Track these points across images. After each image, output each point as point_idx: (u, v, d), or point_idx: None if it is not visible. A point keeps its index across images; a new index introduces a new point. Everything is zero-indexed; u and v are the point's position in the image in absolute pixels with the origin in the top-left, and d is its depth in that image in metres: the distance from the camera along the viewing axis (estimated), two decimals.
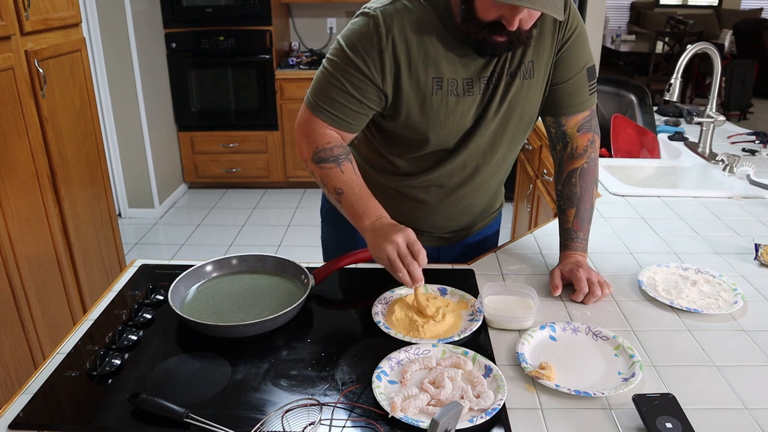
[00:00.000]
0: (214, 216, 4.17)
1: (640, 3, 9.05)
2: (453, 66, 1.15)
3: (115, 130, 3.91)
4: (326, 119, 1.17)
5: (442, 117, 1.18)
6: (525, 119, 1.24)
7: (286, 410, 0.88)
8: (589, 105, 1.27)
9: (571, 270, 1.21)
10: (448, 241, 1.44)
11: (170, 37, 4.16)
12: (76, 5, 2.32)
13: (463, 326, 1.09)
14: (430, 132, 1.20)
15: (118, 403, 0.91)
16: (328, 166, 1.16)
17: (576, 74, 1.22)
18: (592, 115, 1.28)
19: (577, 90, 1.24)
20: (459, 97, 1.17)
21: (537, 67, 1.19)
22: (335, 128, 1.18)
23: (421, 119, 1.18)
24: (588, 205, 1.28)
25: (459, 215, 1.38)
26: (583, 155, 1.28)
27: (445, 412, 0.78)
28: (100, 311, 1.15)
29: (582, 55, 1.22)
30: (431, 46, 1.13)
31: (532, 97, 1.22)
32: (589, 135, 1.28)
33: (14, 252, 1.94)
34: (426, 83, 1.15)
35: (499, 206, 1.51)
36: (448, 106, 1.17)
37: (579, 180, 1.27)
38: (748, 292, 1.22)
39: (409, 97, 1.16)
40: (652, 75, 6.36)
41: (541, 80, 1.21)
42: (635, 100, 2.40)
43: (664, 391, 0.91)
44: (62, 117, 2.24)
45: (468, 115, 1.20)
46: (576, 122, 1.27)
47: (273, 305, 1.14)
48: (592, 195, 1.29)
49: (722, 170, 1.93)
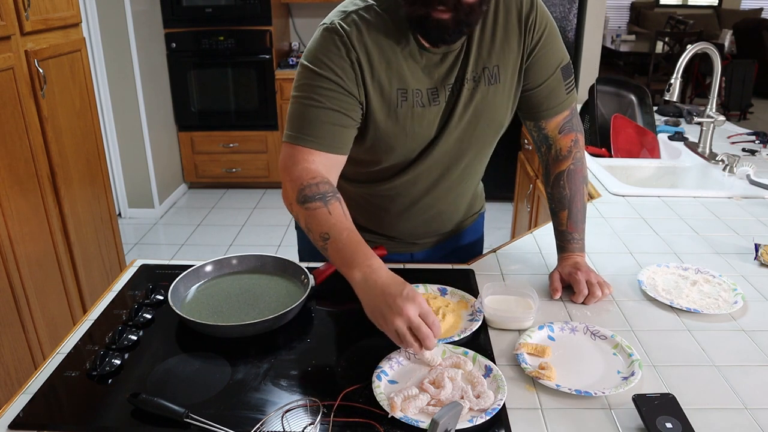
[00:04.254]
0: (214, 216, 4.17)
1: (640, 3, 9.06)
2: (416, 76, 1.11)
3: (115, 130, 3.91)
4: (310, 144, 1.07)
5: (408, 129, 1.14)
6: (493, 125, 1.20)
7: (286, 410, 0.88)
8: (568, 105, 1.23)
9: (570, 273, 1.20)
10: (420, 246, 1.41)
11: (170, 37, 4.17)
12: (76, 5, 2.32)
13: (463, 326, 1.09)
14: (397, 144, 1.15)
15: (118, 403, 0.91)
16: (313, 206, 1.03)
17: (550, 76, 1.18)
18: (572, 114, 1.24)
19: (553, 92, 1.20)
20: (425, 108, 1.13)
21: (503, 71, 1.15)
22: (322, 151, 1.08)
23: (388, 132, 1.14)
24: (579, 205, 1.26)
25: (429, 222, 1.34)
26: (568, 157, 1.25)
27: (445, 412, 0.78)
28: (100, 311, 1.15)
29: (554, 55, 1.18)
30: (393, 56, 1.09)
31: (500, 102, 1.18)
32: (571, 135, 1.25)
33: (14, 252, 1.94)
34: (390, 95, 1.10)
35: (477, 210, 1.47)
36: (414, 117, 1.13)
37: (567, 182, 1.25)
38: (748, 292, 1.22)
39: (377, 109, 1.11)
40: (652, 75, 6.36)
41: (508, 85, 1.17)
42: (635, 100, 2.40)
43: (664, 391, 0.91)
44: (62, 117, 2.24)
45: (433, 125, 1.16)
46: (556, 124, 1.24)
47: (273, 305, 1.14)
48: (583, 195, 1.27)
49: (722, 170, 1.93)
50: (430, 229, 1.38)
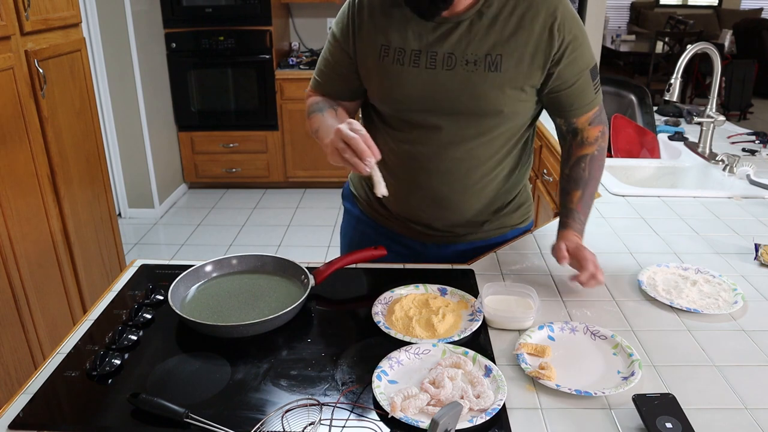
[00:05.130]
0: (214, 216, 4.17)
1: (640, 3, 9.06)
2: (404, 36, 1.21)
3: (115, 130, 3.91)
4: (312, 86, 1.36)
5: (387, 84, 1.24)
6: (491, 112, 1.22)
7: (286, 410, 0.88)
8: (597, 103, 1.30)
9: (576, 248, 1.20)
10: (437, 238, 1.40)
11: (170, 37, 4.16)
12: (76, 5, 2.32)
13: (463, 326, 1.09)
14: (386, 97, 1.27)
15: (118, 403, 0.91)
16: (313, 116, 1.30)
17: (579, 79, 1.24)
18: (600, 110, 1.32)
19: (583, 92, 1.26)
20: (404, 67, 1.21)
21: (507, 62, 1.18)
22: (316, 92, 1.35)
23: (375, 84, 1.27)
24: (592, 190, 1.30)
25: (436, 205, 1.33)
26: (594, 143, 1.31)
27: (445, 412, 0.78)
28: (100, 311, 1.16)
29: (582, 61, 1.23)
30: (388, 15, 1.22)
31: (499, 90, 1.20)
32: (600, 127, 1.32)
33: (14, 252, 1.94)
34: (375, 49, 1.24)
35: (510, 224, 1.44)
36: (391, 73, 1.23)
37: (588, 165, 1.31)
38: (748, 292, 1.22)
39: (363, 62, 1.26)
40: (652, 75, 6.36)
41: (511, 75, 1.19)
42: (635, 100, 2.40)
43: (664, 391, 0.91)
44: (62, 117, 2.24)
45: (416, 87, 1.21)
46: (587, 119, 1.30)
47: (273, 305, 1.14)
48: (597, 183, 1.32)
49: (722, 170, 1.93)
50: (440, 215, 1.35)
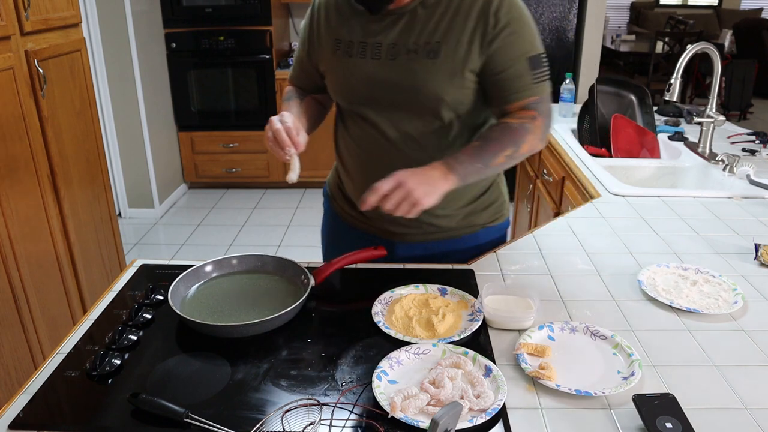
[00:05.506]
0: (214, 216, 4.17)
1: (640, 3, 9.06)
2: (353, 29, 1.26)
3: (115, 130, 3.91)
4: (289, 77, 1.48)
5: (338, 75, 1.29)
6: (430, 98, 1.21)
7: (286, 410, 0.88)
8: (536, 93, 1.22)
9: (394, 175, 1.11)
10: (399, 236, 1.40)
11: (170, 37, 4.16)
12: (76, 5, 2.32)
13: (463, 326, 1.09)
14: (338, 89, 1.32)
15: (118, 403, 0.91)
16: (284, 104, 1.38)
17: (513, 65, 1.20)
18: (541, 101, 1.24)
19: (517, 79, 1.21)
20: (352, 59, 1.26)
21: (445, 48, 1.19)
22: (291, 83, 1.46)
23: (331, 77, 1.32)
24: (493, 149, 1.19)
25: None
26: (517, 119, 1.22)
27: (445, 412, 0.78)
28: (100, 311, 1.16)
29: (518, 47, 1.20)
30: (340, 10, 1.28)
31: (437, 76, 1.20)
32: (532, 112, 1.23)
33: (14, 252, 1.94)
34: (328, 43, 1.29)
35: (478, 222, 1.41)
36: (340, 65, 1.28)
37: (500, 128, 1.22)
38: (748, 292, 1.22)
39: (323, 56, 1.32)
40: (652, 75, 6.36)
41: (449, 62, 1.19)
42: (635, 100, 2.40)
43: (664, 391, 0.91)
44: (62, 117, 2.24)
45: (363, 77, 1.25)
46: (518, 106, 1.23)
47: (273, 305, 1.14)
48: (501, 147, 1.20)
49: (722, 170, 1.93)
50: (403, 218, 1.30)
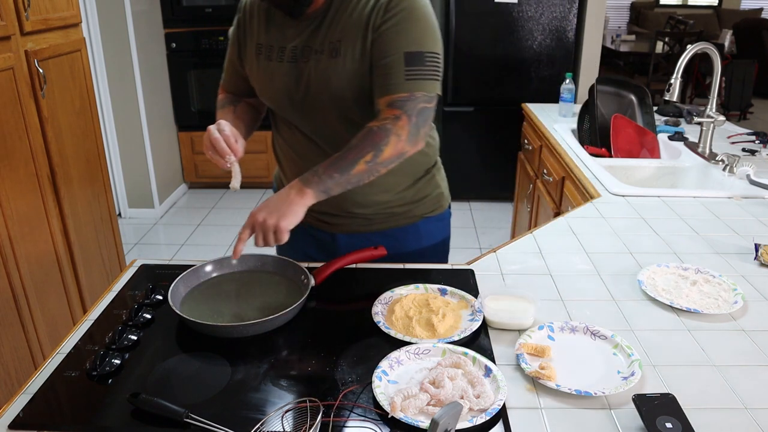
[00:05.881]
0: (214, 216, 4.17)
1: (640, 3, 9.06)
2: (272, 34, 1.28)
3: (115, 130, 3.91)
4: (221, 84, 1.47)
5: (264, 79, 1.31)
6: (335, 98, 1.22)
7: (286, 410, 0.88)
8: (404, 89, 1.17)
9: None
10: (339, 227, 1.41)
11: (170, 37, 4.16)
12: (76, 5, 2.32)
13: (463, 326, 1.09)
14: (263, 93, 1.34)
15: (118, 403, 0.91)
16: (217, 113, 1.40)
17: (391, 56, 1.17)
18: (409, 99, 1.17)
19: (390, 72, 1.17)
20: (271, 63, 1.28)
21: (345, 46, 1.19)
22: (222, 89, 1.47)
23: (255, 81, 1.34)
24: (353, 156, 1.16)
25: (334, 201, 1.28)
26: (378, 121, 1.18)
27: (445, 412, 0.78)
28: (100, 311, 1.16)
29: (399, 41, 1.17)
30: (263, 16, 1.30)
31: (339, 76, 1.21)
32: (396, 111, 1.17)
33: (14, 252, 1.94)
34: (252, 48, 1.32)
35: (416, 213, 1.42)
36: (261, 69, 1.30)
37: (361, 134, 1.18)
38: (748, 292, 1.22)
39: (245, 60, 1.35)
40: (652, 75, 6.36)
41: (349, 60, 1.19)
42: (635, 100, 2.40)
43: (664, 391, 0.91)
44: (62, 117, 2.24)
45: (282, 81, 1.27)
46: (386, 101, 1.18)
47: (273, 305, 1.14)
48: (358, 152, 1.16)
49: (722, 170, 1.93)
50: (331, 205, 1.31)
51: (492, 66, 3.98)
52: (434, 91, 1.20)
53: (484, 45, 3.92)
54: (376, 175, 1.20)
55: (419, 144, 1.22)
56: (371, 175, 1.19)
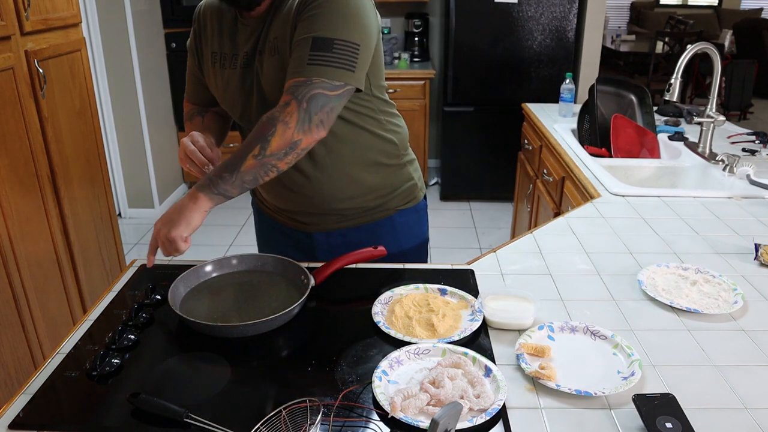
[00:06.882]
0: (214, 216, 4.16)
1: (640, 3, 9.06)
2: (224, 41, 1.29)
3: (115, 130, 3.91)
4: (185, 96, 1.48)
5: (220, 86, 1.32)
6: (278, 95, 1.16)
7: (286, 410, 0.88)
8: (302, 74, 1.12)
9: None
10: (315, 227, 1.43)
11: (170, 37, 4.16)
12: (76, 5, 2.32)
13: (463, 326, 1.09)
14: (222, 99, 1.35)
15: (118, 403, 0.91)
16: (186, 124, 1.45)
17: (297, 43, 1.14)
18: (304, 84, 1.11)
19: (296, 56, 1.14)
20: (225, 69, 1.30)
21: (281, 42, 1.20)
22: (187, 101, 1.48)
23: (212, 88, 1.36)
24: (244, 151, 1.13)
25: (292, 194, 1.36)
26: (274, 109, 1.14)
27: (445, 412, 0.78)
28: (100, 311, 1.16)
29: (311, 25, 1.13)
30: (218, 23, 1.31)
31: (281, 72, 1.19)
32: (287, 97, 1.12)
33: (14, 252, 1.94)
34: (208, 56, 1.34)
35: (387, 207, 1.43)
36: (218, 77, 1.32)
37: (254, 127, 1.15)
38: (748, 292, 1.22)
39: (204, 68, 1.37)
40: (652, 75, 6.35)
41: (286, 55, 1.19)
42: (635, 100, 2.40)
43: (664, 391, 0.91)
44: (62, 117, 2.24)
45: (237, 86, 1.28)
46: (287, 86, 1.14)
47: (273, 305, 1.14)
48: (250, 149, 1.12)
49: (722, 170, 1.93)
50: (302, 204, 1.38)
51: (492, 66, 3.98)
52: (340, 79, 1.12)
53: (484, 45, 3.93)
54: (275, 170, 1.14)
55: (315, 132, 1.13)
56: (268, 171, 1.13)
